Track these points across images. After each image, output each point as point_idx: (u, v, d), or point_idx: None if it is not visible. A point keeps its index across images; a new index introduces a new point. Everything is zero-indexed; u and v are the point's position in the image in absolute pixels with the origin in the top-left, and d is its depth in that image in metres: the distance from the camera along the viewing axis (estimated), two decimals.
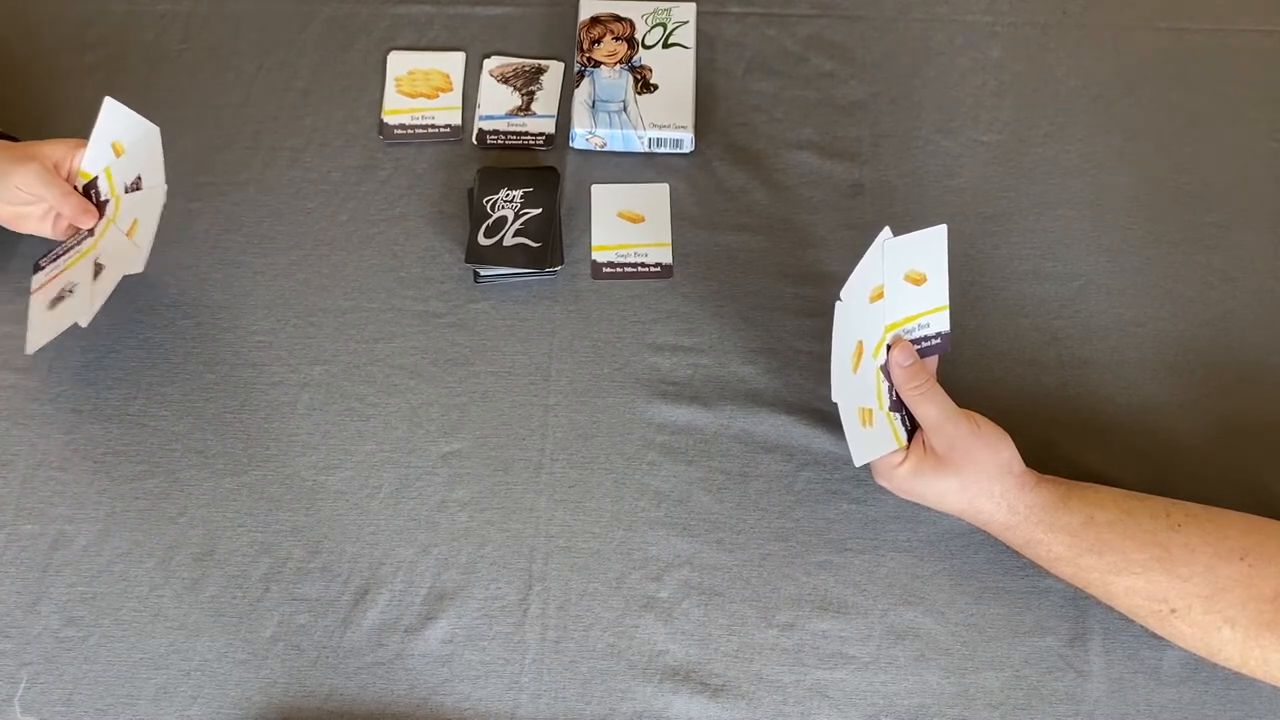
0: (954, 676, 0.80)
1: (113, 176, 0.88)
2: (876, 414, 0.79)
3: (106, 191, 0.88)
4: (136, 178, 0.87)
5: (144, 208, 0.86)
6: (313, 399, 0.89)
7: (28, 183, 0.84)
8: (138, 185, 0.87)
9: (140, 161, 0.87)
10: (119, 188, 0.87)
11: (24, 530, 0.85)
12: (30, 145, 0.87)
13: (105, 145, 0.87)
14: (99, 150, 0.87)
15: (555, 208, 0.95)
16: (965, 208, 0.97)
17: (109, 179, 0.87)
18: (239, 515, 0.85)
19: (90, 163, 0.88)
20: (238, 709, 0.79)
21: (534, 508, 0.86)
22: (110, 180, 0.87)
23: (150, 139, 0.87)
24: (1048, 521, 0.76)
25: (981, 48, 1.05)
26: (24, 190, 0.84)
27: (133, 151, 0.87)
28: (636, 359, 0.91)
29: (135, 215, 0.86)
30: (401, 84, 1.03)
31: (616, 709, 0.79)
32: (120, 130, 0.87)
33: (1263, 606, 0.70)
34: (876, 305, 0.79)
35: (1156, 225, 0.96)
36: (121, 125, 0.87)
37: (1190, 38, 1.05)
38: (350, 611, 0.82)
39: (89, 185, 0.88)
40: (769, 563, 0.84)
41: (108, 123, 0.87)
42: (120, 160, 0.88)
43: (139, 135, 0.87)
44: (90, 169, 0.88)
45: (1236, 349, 0.91)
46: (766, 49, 1.05)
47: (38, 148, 0.86)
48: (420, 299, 0.93)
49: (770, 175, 0.99)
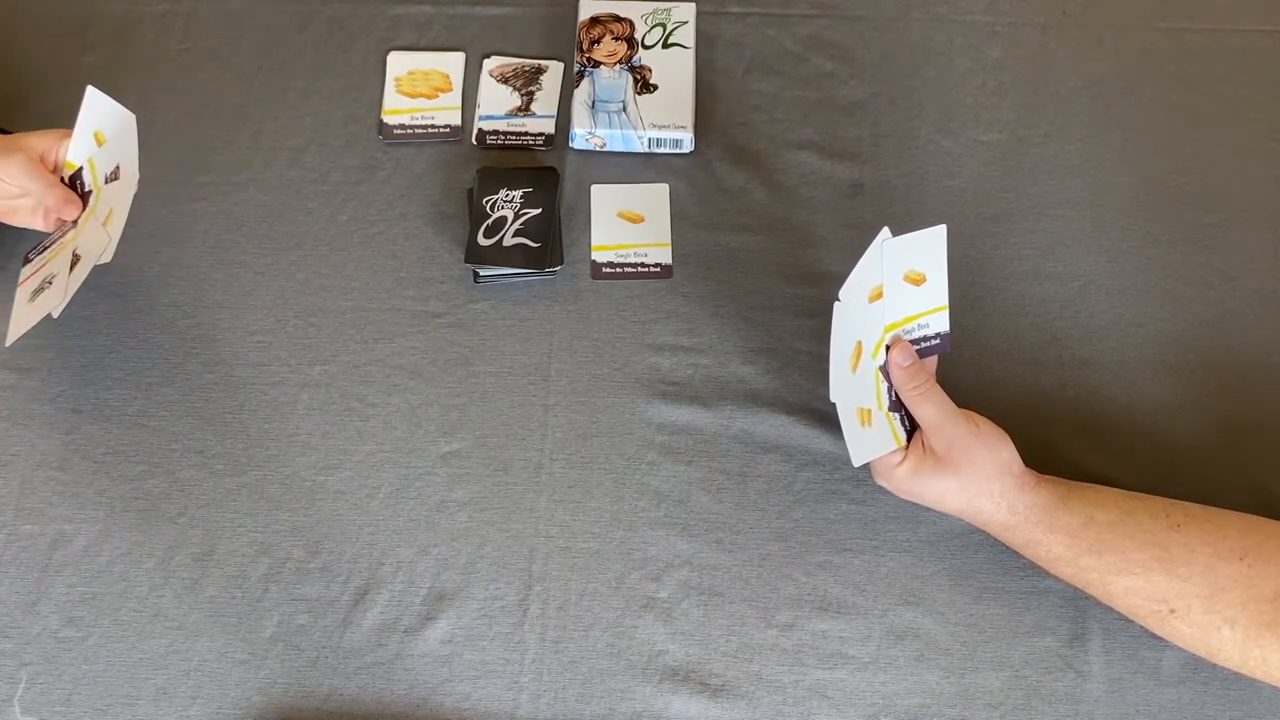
0: (954, 676, 0.80)
1: (95, 167, 0.87)
2: (875, 414, 0.79)
3: (90, 183, 0.87)
4: (115, 167, 0.86)
5: (119, 198, 0.85)
6: (313, 399, 0.89)
7: (13, 174, 0.83)
8: (116, 175, 0.86)
9: (119, 152, 0.86)
10: (100, 178, 0.86)
11: (24, 530, 0.85)
12: (17, 137, 0.86)
13: (89, 135, 0.86)
14: (82, 141, 0.86)
15: (555, 208, 0.95)
16: (965, 208, 0.97)
17: (92, 170, 0.87)
18: (239, 515, 0.85)
19: (75, 153, 0.87)
20: (237, 709, 0.79)
21: (534, 508, 0.86)
22: (94, 171, 0.87)
23: (128, 129, 0.86)
24: (1047, 522, 0.76)
25: (981, 48, 1.05)
26: (9, 182, 0.84)
27: (113, 141, 0.86)
28: (636, 359, 0.91)
29: (111, 205, 0.85)
30: (401, 84, 1.03)
31: (616, 709, 0.79)
32: (101, 119, 0.86)
33: (1262, 607, 0.70)
34: (875, 305, 0.79)
35: (1156, 225, 0.96)
36: (102, 114, 0.86)
37: (1190, 38, 1.05)
38: (350, 611, 0.82)
39: (74, 176, 0.87)
40: (769, 563, 0.84)
41: (90, 112, 0.86)
42: (102, 150, 0.87)
43: (118, 124, 0.86)
44: (75, 159, 0.87)
45: (1236, 349, 0.91)
46: (766, 49, 1.05)
47: (24, 139, 0.86)
48: (420, 299, 0.93)
49: (770, 175, 0.99)
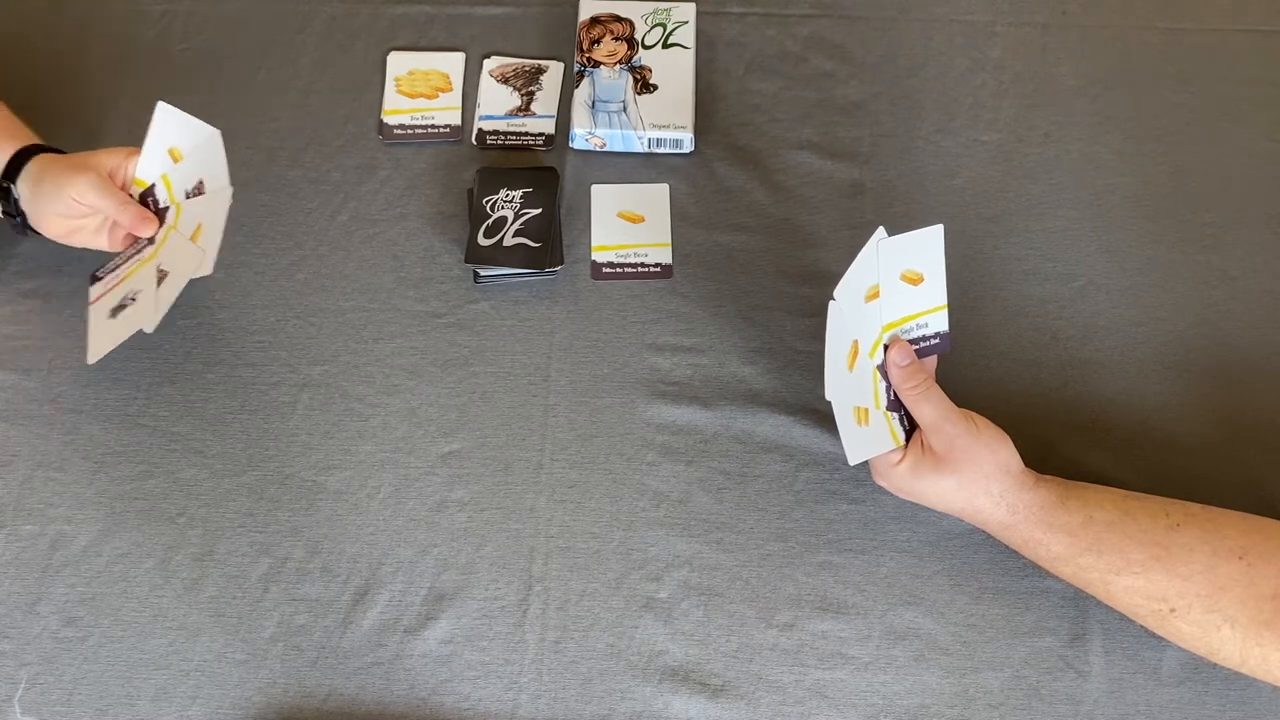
0: (954, 677, 0.80)
1: (171, 183, 0.86)
2: (873, 413, 0.79)
3: (165, 199, 0.86)
4: (198, 182, 0.85)
5: (208, 211, 0.84)
6: (312, 399, 0.89)
7: (83, 193, 0.82)
8: (200, 190, 0.85)
9: (201, 166, 0.85)
10: (179, 194, 0.85)
11: (24, 530, 0.85)
12: (84, 155, 0.85)
13: (161, 151, 0.85)
14: (154, 157, 0.85)
15: (555, 208, 0.95)
16: (965, 208, 0.97)
17: (167, 186, 0.85)
18: (239, 515, 0.85)
19: (146, 170, 0.86)
20: (237, 709, 0.79)
21: (534, 508, 0.86)
22: (169, 187, 0.85)
23: (212, 143, 0.85)
24: (1047, 521, 0.76)
25: (981, 48, 1.05)
26: (80, 201, 0.82)
27: (192, 156, 0.85)
28: (636, 359, 0.91)
29: (199, 220, 0.84)
30: (401, 84, 1.03)
31: (616, 709, 0.79)
32: (176, 135, 0.85)
33: (1262, 605, 0.70)
34: (872, 305, 0.79)
35: (1156, 225, 0.96)
36: (178, 130, 0.85)
37: (1190, 38, 1.05)
38: (350, 612, 0.82)
39: (145, 193, 0.86)
40: (769, 563, 0.84)
41: (161, 128, 0.85)
42: (179, 166, 0.86)
43: (199, 140, 0.85)
44: (146, 176, 0.86)
45: (1236, 349, 0.91)
46: (766, 49, 1.05)
47: (91, 157, 0.85)
48: (420, 299, 0.93)
49: (770, 175, 0.99)
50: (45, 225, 0.86)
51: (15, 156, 0.85)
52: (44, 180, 0.84)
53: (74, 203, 0.83)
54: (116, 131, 0.99)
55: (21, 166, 0.85)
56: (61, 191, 0.82)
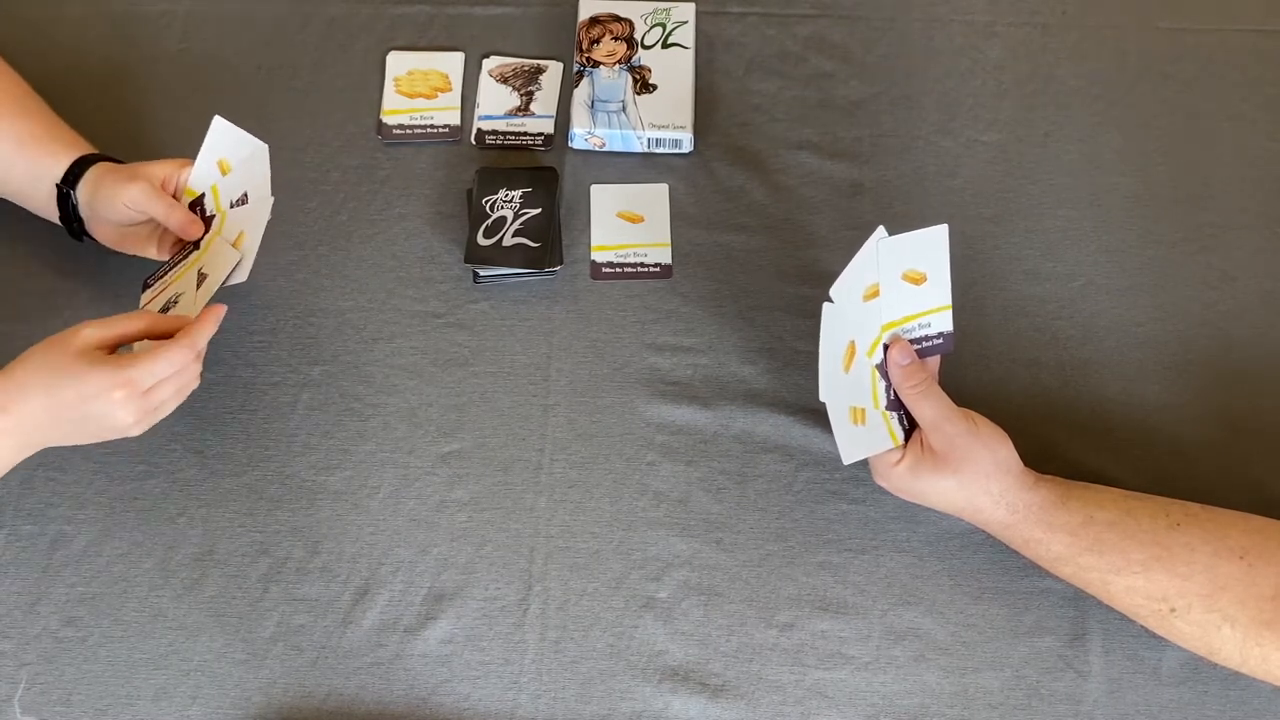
0: (953, 676, 0.80)
1: (219, 193, 0.88)
2: (870, 413, 0.79)
3: (212, 208, 0.88)
4: (243, 194, 0.87)
5: (249, 220, 0.86)
6: (312, 399, 0.89)
7: (137, 201, 0.84)
8: (244, 201, 0.87)
9: (247, 179, 0.87)
10: (224, 204, 0.87)
11: (24, 530, 0.84)
12: (137, 166, 0.88)
13: (212, 163, 0.87)
14: (206, 168, 0.87)
15: (554, 208, 0.95)
16: (965, 208, 0.97)
17: (215, 196, 0.88)
18: (238, 515, 0.85)
19: (197, 181, 0.88)
20: (237, 709, 0.79)
21: (534, 508, 0.85)
22: (216, 197, 0.87)
23: (259, 157, 0.87)
24: (1047, 520, 0.76)
25: (981, 48, 1.05)
26: (132, 208, 0.85)
27: (239, 169, 0.87)
28: (636, 359, 0.91)
29: (241, 227, 0.86)
30: (401, 84, 1.03)
31: (616, 709, 0.79)
32: (227, 148, 0.87)
33: (1262, 605, 0.70)
34: (871, 304, 0.78)
35: (1156, 225, 0.96)
36: (229, 143, 0.87)
37: (1190, 38, 1.05)
38: (350, 611, 0.82)
39: (195, 202, 0.88)
40: (768, 563, 0.84)
41: (216, 141, 0.87)
42: (227, 178, 0.88)
43: (247, 153, 0.87)
44: (197, 187, 0.88)
45: (1236, 349, 0.91)
46: (766, 49, 1.05)
47: (145, 167, 0.87)
48: (420, 299, 0.93)
49: (770, 175, 0.99)
50: (100, 232, 0.89)
51: (75, 164, 0.87)
52: (100, 188, 0.86)
53: (126, 209, 0.85)
54: (116, 131, 0.99)
55: (81, 174, 0.87)
56: (115, 199, 0.85)
